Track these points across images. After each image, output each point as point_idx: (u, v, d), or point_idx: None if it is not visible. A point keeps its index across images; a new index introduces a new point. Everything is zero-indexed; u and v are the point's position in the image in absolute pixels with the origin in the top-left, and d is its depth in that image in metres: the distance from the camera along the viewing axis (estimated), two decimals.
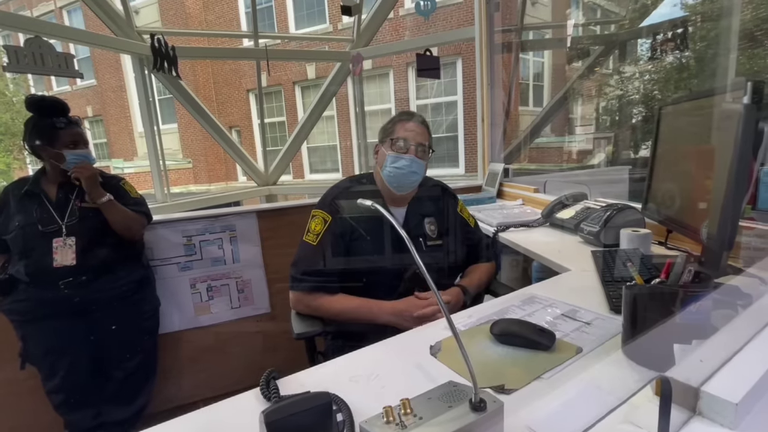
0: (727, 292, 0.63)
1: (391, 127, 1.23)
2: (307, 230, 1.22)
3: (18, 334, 1.46)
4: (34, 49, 2.40)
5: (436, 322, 0.88)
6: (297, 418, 0.43)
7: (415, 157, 1.18)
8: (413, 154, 1.18)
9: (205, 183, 10.89)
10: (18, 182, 1.50)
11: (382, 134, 1.25)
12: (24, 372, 1.47)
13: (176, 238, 1.83)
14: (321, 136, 10.04)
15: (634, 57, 4.98)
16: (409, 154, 1.18)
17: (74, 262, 1.41)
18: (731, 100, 0.90)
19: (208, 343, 1.92)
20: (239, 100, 10.90)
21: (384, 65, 8.86)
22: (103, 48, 3.65)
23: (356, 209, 1.20)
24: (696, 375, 0.40)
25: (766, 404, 0.40)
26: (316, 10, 9.68)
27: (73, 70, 2.62)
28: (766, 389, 0.40)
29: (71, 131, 1.44)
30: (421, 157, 1.20)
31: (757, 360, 0.43)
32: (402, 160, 1.18)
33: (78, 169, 1.42)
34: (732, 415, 0.37)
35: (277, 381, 0.64)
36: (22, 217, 1.41)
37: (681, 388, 0.39)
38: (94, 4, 3.25)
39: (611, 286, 0.92)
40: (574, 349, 0.69)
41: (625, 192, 2.79)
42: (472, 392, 0.48)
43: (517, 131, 3.44)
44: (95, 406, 1.52)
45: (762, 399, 0.40)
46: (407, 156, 1.18)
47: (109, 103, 12.00)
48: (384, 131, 1.25)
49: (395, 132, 1.21)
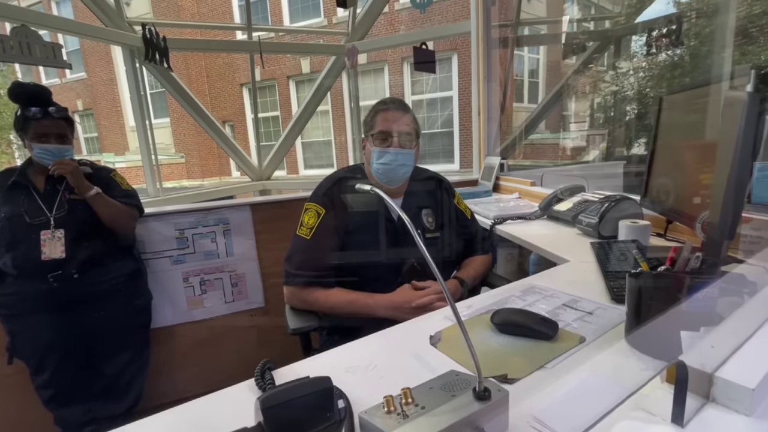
0: (733, 280, 0.62)
1: (371, 119, 1.18)
2: (300, 224, 1.18)
3: (5, 329, 1.42)
4: (20, 38, 2.33)
5: (436, 312, 0.86)
6: (295, 403, 0.41)
7: (400, 149, 1.14)
8: (397, 146, 1.14)
9: (199, 178, 10.78)
10: (4, 173, 1.46)
11: (365, 128, 1.21)
12: (11, 367, 1.43)
13: (168, 231, 1.80)
14: (316, 131, 9.97)
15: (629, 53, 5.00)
16: (393, 147, 1.14)
17: (63, 255, 1.38)
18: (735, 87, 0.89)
19: (202, 337, 1.90)
20: (233, 95, 10.78)
21: (379, 60, 8.79)
22: (92, 39, 3.57)
23: (351, 201, 1.17)
24: (709, 361, 0.39)
25: None
26: (311, 3, 9.59)
27: (61, 60, 2.56)
28: None
29: (41, 123, 1.37)
30: (406, 146, 1.15)
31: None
32: (387, 154, 1.14)
33: (57, 165, 1.37)
34: (748, 401, 0.36)
35: (272, 372, 0.62)
36: (9, 208, 1.37)
37: (694, 374, 0.38)
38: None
39: (612, 276, 0.91)
40: (577, 338, 0.68)
41: (619, 186, 2.81)
42: (475, 381, 0.47)
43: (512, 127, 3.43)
44: (86, 402, 1.49)
45: None
46: (392, 150, 1.13)
47: (100, 96, 11.80)
48: (366, 125, 1.21)
49: (376, 125, 1.16)
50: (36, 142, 1.37)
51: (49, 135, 1.38)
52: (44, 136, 1.37)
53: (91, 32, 3.26)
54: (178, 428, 0.54)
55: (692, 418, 0.36)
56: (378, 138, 1.15)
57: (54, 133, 1.39)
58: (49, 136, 1.38)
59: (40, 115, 1.37)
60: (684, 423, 0.35)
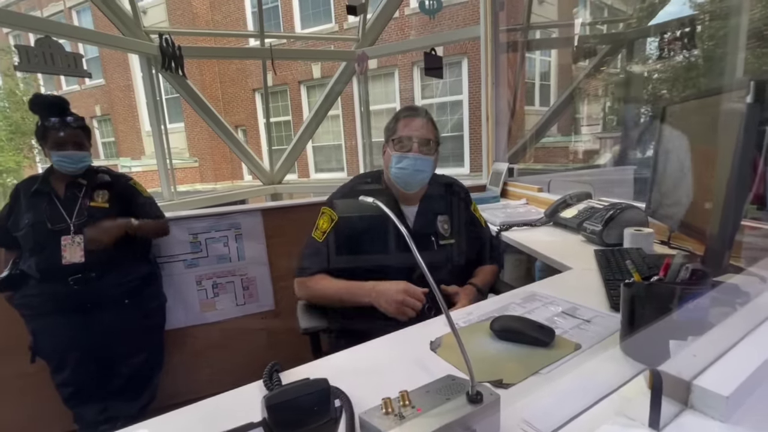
0: (726, 291, 0.63)
1: (393, 125, 1.22)
2: (316, 227, 1.23)
3: (28, 328, 1.49)
4: (44, 49, 2.44)
5: (436, 319, 0.89)
6: (296, 401, 0.45)
7: (420, 155, 1.16)
8: (417, 152, 1.16)
9: (211, 182, 10.96)
10: (28, 180, 1.53)
11: (386, 134, 1.24)
12: (33, 365, 1.50)
13: (183, 236, 1.86)
14: (326, 135, 10.06)
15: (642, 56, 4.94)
16: (412, 153, 1.16)
17: (83, 259, 1.44)
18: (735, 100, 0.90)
19: (213, 339, 1.95)
20: (245, 100, 10.96)
21: (389, 64, 8.85)
22: (111, 48, 3.69)
23: (362, 209, 1.20)
24: (688, 369, 0.41)
25: (757, 398, 0.40)
26: (322, 10, 9.70)
27: (81, 69, 2.66)
28: (758, 383, 0.41)
29: (60, 131, 1.44)
30: (426, 153, 1.17)
31: (750, 355, 0.44)
32: (406, 159, 1.16)
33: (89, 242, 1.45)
34: (723, 408, 0.38)
35: (280, 374, 0.66)
36: (32, 215, 1.44)
37: (673, 381, 0.40)
38: (102, 4, 3.28)
39: (612, 284, 0.92)
40: (573, 345, 0.70)
41: (630, 192, 2.78)
42: (469, 385, 0.49)
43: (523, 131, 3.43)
44: (103, 401, 1.55)
45: (754, 393, 0.40)
46: (411, 155, 1.16)
47: (117, 102, 12.11)
48: (387, 130, 1.24)
49: (398, 131, 1.19)
50: (55, 150, 1.44)
51: (67, 143, 1.45)
52: (63, 144, 1.45)
53: (110, 41, 3.37)
54: (191, 425, 0.58)
55: (669, 423, 0.38)
56: (398, 143, 1.18)
57: (72, 141, 1.46)
58: (67, 143, 1.45)
59: (58, 125, 1.44)
60: (660, 427, 0.37)
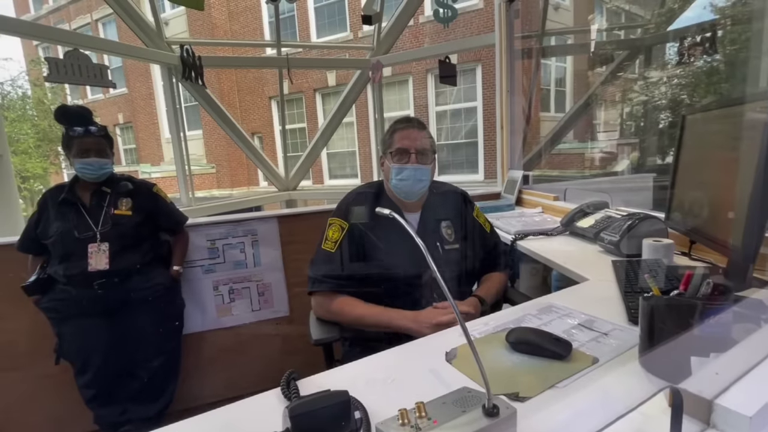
0: (750, 306, 0.62)
1: (389, 138, 1.25)
2: (325, 239, 1.23)
3: (54, 331, 1.54)
4: (72, 61, 2.55)
5: (452, 329, 0.89)
6: (318, 413, 0.46)
7: (418, 165, 1.19)
8: (415, 162, 1.19)
9: (228, 188, 11.15)
10: (55, 189, 1.59)
11: (383, 146, 1.27)
12: (58, 366, 1.55)
13: (201, 242, 1.90)
14: (340, 142, 10.15)
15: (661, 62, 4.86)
16: (410, 164, 1.19)
17: (108, 266, 1.49)
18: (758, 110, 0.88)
19: (229, 344, 1.98)
20: (261, 107, 11.15)
21: (403, 72, 8.91)
22: (135, 59, 3.82)
23: (372, 216, 1.22)
24: (710, 388, 0.40)
25: None
26: (337, 19, 9.84)
27: (107, 80, 2.77)
28: None
29: (83, 140, 1.50)
30: (423, 163, 1.20)
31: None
32: (405, 170, 1.19)
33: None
34: (746, 429, 0.37)
35: (296, 382, 0.67)
36: (60, 224, 1.50)
37: (694, 400, 0.39)
38: (127, 17, 3.41)
39: (631, 297, 0.91)
40: (590, 359, 0.69)
41: (649, 201, 2.72)
42: (485, 398, 0.49)
43: (538, 137, 3.40)
44: (123, 403, 1.59)
45: None
46: (409, 165, 1.19)
47: (139, 110, 12.47)
48: (384, 143, 1.27)
49: (394, 143, 1.22)
50: (78, 157, 1.50)
51: (90, 151, 1.51)
52: (86, 152, 1.51)
53: (134, 53, 3.50)
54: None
55: None
56: (396, 155, 1.21)
57: (95, 149, 1.52)
58: (90, 151, 1.51)
59: (82, 134, 1.51)
60: None
